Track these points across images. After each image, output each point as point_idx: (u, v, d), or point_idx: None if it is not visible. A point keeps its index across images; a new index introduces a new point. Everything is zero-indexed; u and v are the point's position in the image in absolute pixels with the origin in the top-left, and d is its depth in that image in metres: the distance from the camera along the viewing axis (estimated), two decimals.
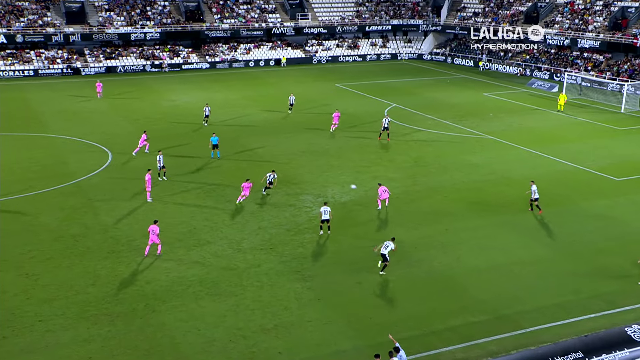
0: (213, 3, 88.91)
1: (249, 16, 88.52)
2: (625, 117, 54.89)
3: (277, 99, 61.20)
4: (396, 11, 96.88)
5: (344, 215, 31.52)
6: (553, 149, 43.55)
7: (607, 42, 71.10)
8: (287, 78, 75.46)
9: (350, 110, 55.53)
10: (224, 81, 72.43)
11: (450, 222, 30.83)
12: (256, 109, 56.89)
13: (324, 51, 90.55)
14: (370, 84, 71.41)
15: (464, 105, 58.52)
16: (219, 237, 29.07)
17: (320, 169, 39.17)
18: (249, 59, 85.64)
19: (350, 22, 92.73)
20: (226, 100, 61.02)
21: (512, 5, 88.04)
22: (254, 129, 49.13)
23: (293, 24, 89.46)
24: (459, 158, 41.62)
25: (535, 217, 31.50)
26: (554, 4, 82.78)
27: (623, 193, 35.09)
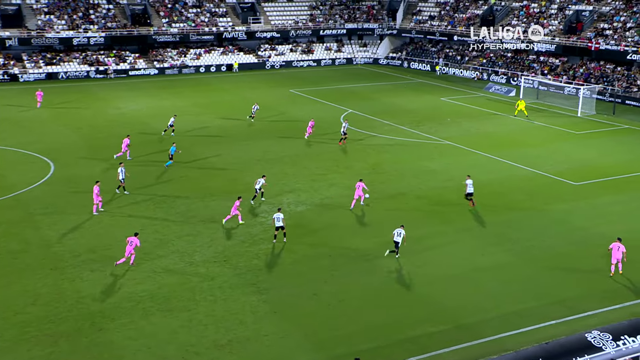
0: (160, 6, 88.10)
1: (199, 20, 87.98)
2: (581, 121, 56.36)
3: (231, 106, 60.85)
4: (351, 15, 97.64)
5: (299, 224, 31.45)
6: (511, 154, 44.38)
7: (563, 45, 73.01)
8: (239, 84, 75.16)
9: (305, 117, 55.57)
10: (173, 88, 71.73)
11: (409, 230, 31.00)
12: (209, 116, 56.44)
13: (277, 56, 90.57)
14: (326, 89, 71.67)
15: (421, 110, 59.24)
16: (169, 251, 28.66)
17: (275, 177, 39.05)
18: (200, 64, 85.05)
19: (304, 26, 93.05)
20: (177, 107, 60.35)
21: (468, 8, 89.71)
22: (206, 137, 48.73)
23: (245, 28, 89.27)
24: (417, 164, 42.04)
25: (494, 223, 31.99)
26: (509, 7, 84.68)
27: (582, 197, 35.95)
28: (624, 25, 70.13)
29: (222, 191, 36.40)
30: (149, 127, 51.06)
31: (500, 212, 33.61)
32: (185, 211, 33.36)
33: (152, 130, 50.14)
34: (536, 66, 76.24)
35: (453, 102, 64.61)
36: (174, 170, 40.09)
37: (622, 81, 66.45)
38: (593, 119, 56.88)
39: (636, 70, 67.71)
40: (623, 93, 64.61)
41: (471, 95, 69.07)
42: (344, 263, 27.56)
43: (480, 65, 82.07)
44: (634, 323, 21.21)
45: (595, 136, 50.78)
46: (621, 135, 51.27)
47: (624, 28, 69.71)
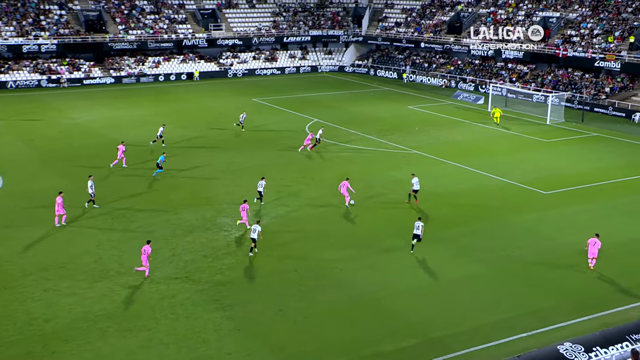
0: (116, 12, 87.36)
1: (157, 27, 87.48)
2: (550, 128, 57.40)
3: (191, 116, 60.54)
4: (315, 21, 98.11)
5: (264, 238, 31.36)
6: (480, 163, 44.95)
7: (531, 52, 74.39)
8: (200, 93, 74.85)
9: (270, 127, 55.56)
10: (131, 97, 71.11)
11: (377, 242, 31.18)
12: (168, 126, 55.98)
13: (239, 64, 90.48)
14: (290, 98, 71.77)
15: (389, 119, 59.69)
16: (128, 267, 28.29)
17: (239, 189, 38.89)
18: (159, 72, 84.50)
19: (267, 33, 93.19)
20: (135, 118, 59.84)
21: (435, 15, 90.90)
22: (165, 148, 48.35)
23: (206, 35, 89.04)
24: (385, 174, 42.30)
25: (464, 234, 32.29)
26: (476, 13, 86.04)
27: (551, 207, 36.54)
28: (591, 32, 71.78)
29: (184, 204, 36.12)
30: (103, 138, 50.46)
31: (470, 222, 33.98)
32: (145, 225, 33.01)
33: (110, 141, 49.58)
34: (504, 73, 77.51)
35: (421, 110, 65.25)
36: (131, 183, 39.66)
37: (590, 88, 67.92)
38: (562, 127, 57.97)
39: (604, 77, 69.30)
40: (591, 100, 66.00)
41: (439, 103, 69.85)
42: (310, 277, 27.54)
43: (448, 72, 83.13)
44: (606, 334, 21.57)
45: (564, 144, 51.75)
46: (590, 143, 52.34)
47: (591, 35, 71.35)
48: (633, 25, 68.98)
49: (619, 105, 64.00)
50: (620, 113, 63.05)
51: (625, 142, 52.66)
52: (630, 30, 68.55)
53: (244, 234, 32.05)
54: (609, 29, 70.81)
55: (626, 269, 28.75)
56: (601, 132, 55.83)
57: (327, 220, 33.90)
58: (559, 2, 78.77)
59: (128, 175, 41.29)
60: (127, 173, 41.65)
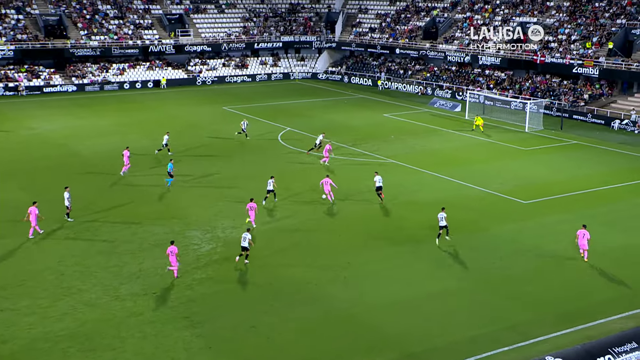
0: (78, 17, 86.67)
1: (122, 32, 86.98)
2: (529, 136, 58.09)
3: (158, 125, 60.19)
4: (287, 27, 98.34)
5: (236, 252, 31.22)
6: (458, 172, 45.30)
7: (508, 59, 75.32)
8: (168, 101, 74.51)
9: (241, 136, 55.44)
10: (94, 106, 70.55)
11: (352, 255, 31.22)
12: (134, 135, 55.65)
13: (208, 71, 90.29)
14: (261, 106, 71.75)
15: (363, 128, 59.94)
16: (92, 284, 27.97)
17: (210, 200, 38.74)
18: (124, 80, 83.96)
19: (237, 39, 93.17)
20: (98, 127, 59.36)
21: (410, 20, 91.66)
22: (131, 158, 47.99)
23: (173, 41, 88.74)
24: (360, 184, 42.41)
25: (442, 245, 32.46)
26: (452, 19, 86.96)
27: (532, 216, 36.91)
28: (568, 38, 72.92)
29: (152, 217, 35.86)
30: (67, 149, 49.93)
31: (448, 233, 34.18)
32: (110, 239, 32.68)
33: (71, 152, 49.06)
34: (482, 80, 78.35)
35: (396, 118, 65.63)
36: (96, 195, 39.26)
37: (569, 95, 68.92)
38: (541, 135, 58.70)
39: (582, 84, 70.39)
40: (570, 107, 66.96)
41: (415, 110, 70.33)
42: (284, 292, 27.46)
43: (424, 79, 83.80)
44: (588, 347, 21.81)
45: (543, 152, 52.39)
46: (569, 150, 53.06)
47: (569, 41, 72.48)
48: (611, 31, 70.23)
49: (598, 113, 65.00)
50: (600, 120, 64.03)
51: (604, 149, 53.48)
52: (608, 36, 69.80)
53: (215, 247, 31.89)
54: (587, 34, 72.03)
55: (606, 280, 29.13)
56: (580, 140, 56.65)
57: (299, 233, 33.85)
58: (535, 7, 79.95)
59: (95, 186, 40.87)
60: (95, 185, 41.22)
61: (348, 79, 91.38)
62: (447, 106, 71.98)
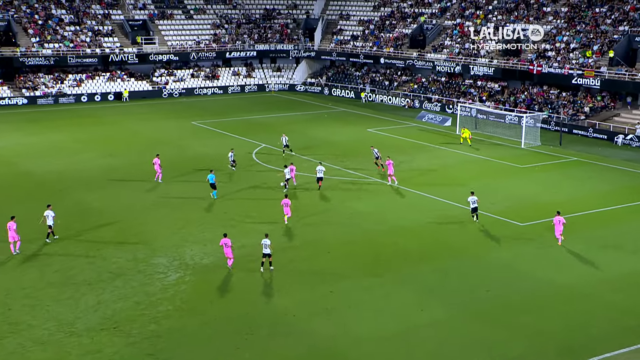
0: (29, 23, 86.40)
1: (79, 40, 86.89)
2: (525, 152, 58.65)
3: (120, 142, 60.04)
4: (262, 35, 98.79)
5: (206, 280, 31.12)
6: (448, 192, 45.56)
7: (502, 68, 76.17)
8: (130, 116, 74.40)
9: (211, 153, 55.44)
10: (48, 120, 70.32)
11: (335, 283, 31.24)
12: (92, 153, 55.47)
13: (175, 82, 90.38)
14: (234, 120, 71.84)
15: (345, 144, 60.20)
16: (44, 318, 27.73)
17: (177, 224, 38.64)
18: (81, 92, 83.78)
19: (206, 47, 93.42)
20: (52, 144, 59.10)
21: (395, 27, 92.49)
22: (89, 178, 47.82)
23: (136, 49, 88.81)
24: (343, 206, 42.52)
25: (432, 272, 32.58)
26: (441, 26, 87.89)
27: (528, 240, 37.17)
28: (567, 46, 73.88)
29: (112, 243, 35.68)
30: (14, 167, 49.60)
31: (438, 259, 34.32)
32: (65, 269, 32.44)
33: (21, 172, 48.77)
34: (474, 92, 79.09)
35: (381, 133, 65.98)
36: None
37: (568, 108, 69.67)
38: (538, 151, 59.28)
39: (582, 95, 71.19)
40: (569, 121, 67.70)
41: (402, 125, 70.78)
42: (261, 324, 27.39)
43: (411, 91, 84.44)
44: None
45: (541, 170, 52.87)
46: (569, 168, 53.59)
47: (568, 49, 73.43)
48: (613, 39, 71.20)
49: (599, 127, 65.80)
50: (602, 135, 64.78)
51: (607, 167, 54.07)
52: (609, 44, 70.75)
53: (183, 276, 31.76)
54: (587, 42, 73.00)
55: (612, 309, 29.32)
56: (581, 157, 57.24)
57: (276, 260, 33.81)
58: (531, 12, 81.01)
59: None
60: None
61: (328, 91, 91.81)
62: (437, 120, 72.52)
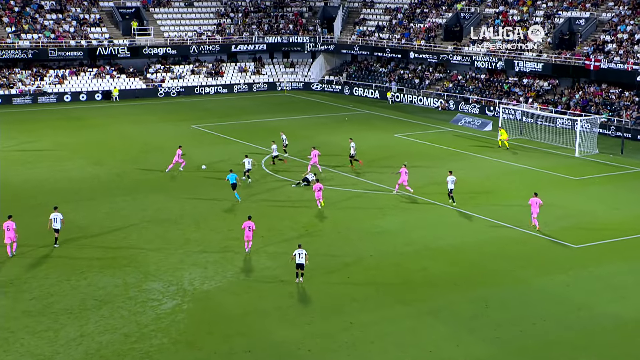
0: (3, 10, 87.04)
1: (61, 30, 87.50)
2: (580, 162, 58.27)
3: (108, 149, 60.29)
4: (273, 25, 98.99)
5: (207, 308, 31.11)
6: (489, 208, 45.34)
7: (552, 64, 75.83)
8: (120, 118, 74.71)
9: (213, 160, 55.52)
10: (25, 123, 70.82)
11: (356, 314, 31.11)
12: (76, 161, 55.74)
13: (173, 80, 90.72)
14: (240, 124, 72.00)
15: (370, 151, 60.04)
16: (18, 353, 27.77)
17: (173, 244, 38.66)
18: (64, 91, 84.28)
19: (209, 39, 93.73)
20: (30, 150, 59.39)
21: (427, 16, 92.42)
22: (73, 190, 48.01)
23: (128, 41, 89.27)
24: (365, 223, 42.40)
25: (469, 302, 32.41)
26: (481, 14, 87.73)
27: (583, 265, 36.86)
28: (631, 37, 73.35)
29: (97, 265, 35.73)
30: None
31: (476, 286, 34.10)
32: (42, 296, 32.50)
33: None
34: (518, 91, 78.79)
35: (411, 139, 65.85)
36: (29, 236, 39.09)
37: (632, 110, 69.15)
38: (595, 160, 58.88)
39: None
40: (633, 125, 67.24)
41: (434, 130, 70.60)
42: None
43: (446, 90, 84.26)
44: None
45: (599, 183, 52.50)
46: (633, 181, 53.17)
47: (632, 41, 72.90)
48: None
49: None
50: None
51: None
52: None
53: (180, 304, 31.74)
54: None
55: None
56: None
57: (286, 286, 33.77)
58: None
59: (25, 224, 40.82)
60: (25, 222, 41.17)
61: (349, 90, 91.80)
62: (475, 124, 72.28)
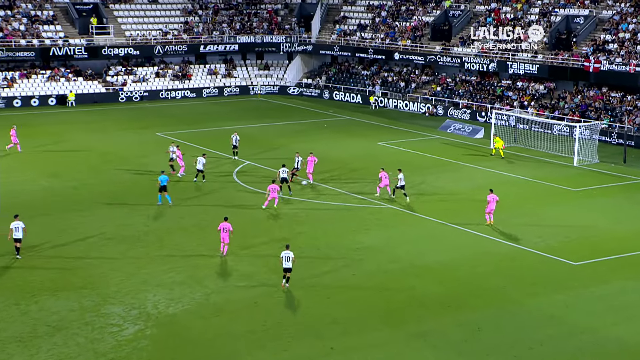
0: None
1: (10, 28, 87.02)
2: (579, 172, 58.52)
3: (64, 159, 59.97)
4: (245, 23, 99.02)
5: (173, 334, 30.90)
6: (480, 221, 45.39)
7: (549, 65, 76.17)
8: (78, 125, 74.41)
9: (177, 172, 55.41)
10: None
11: (337, 338, 31.01)
12: (29, 173, 55.43)
13: (136, 83, 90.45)
14: (210, 131, 71.91)
15: (351, 161, 60.10)
16: None
17: (135, 264, 38.47)
18: (13, 95, 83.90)
19: (175, 39, 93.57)
20: None
21: (414, 14, 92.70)
22: (24, 204, 47.70)
23: (85, 41, 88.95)
24: (346, 239, 42.35)
25: (459, 325, 32.40)
26: (471, 12, 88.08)
27: (583, 284, 36.94)
28: (633, 37, 73.80)
29: (50, 288, 35.45)
30: None
31: (467, 307, 34.09)
32: None
33: None
34: (512, 95, 79.10)
35: (395, 147, 65.94)
36: None
37: (635, 115, 69.54)
38: (596, 170, 59.14)
39: None
40: (636, 132, 67.61)
41: (421, 137, 70.76)
42: None
43: (433, 95, 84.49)
44: None
45: (599, 194, 52.73)
46: (636, 192, 53.40)
47: (634, 40, 73.34)
48: None
49: None
50: None
51: None
52: None
53: (143, 329, 31.51)
54: None
55: None
56: None
57: (262, 308, 33.64)
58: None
59: None
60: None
61: (329, 94, 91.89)
62: (465, 131, 72.47)
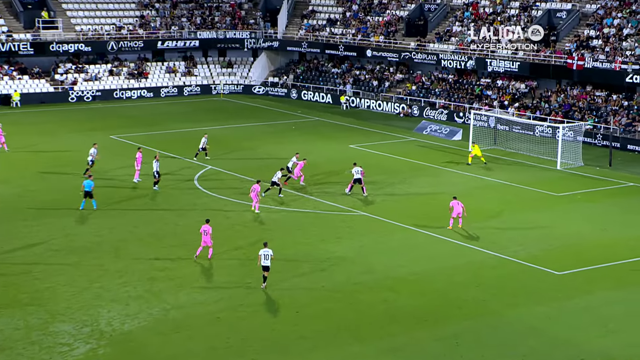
0: None
1: None
2: (562, 175, 58.86)
3: (9, 163, 59.62)
4: (206, 17, 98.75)
5: (129, 352, 30.76)
6: (457, 229, 45.53)
7: (530, 63, 76.56)
8: (23, 127, 73.95)
9: (131, 176, 55.18)
10: None
11: (305, 354, 31.00)
12: None
13: (87, 82, 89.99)
14: (169, 134, 71.70)
15: (321, 165, 60.09)
16: None
17: (87, 277, 38.24)
18: None
19: (130, 34, 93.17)
20: None
21: (387, 9, 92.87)
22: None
23: (31, 36, 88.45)
24: (316, 249, 42.37)
25: (436, 339, 32.49)
26: (448, 6, 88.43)
27: (567, 295, 37.10)
28: (618, 32, 74.34)
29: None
30: None
31: (445, 321, 34.17)
32: None
33: None
34: (492, 94, 79.43)
35: (368, 150, 66.03)
36: None
37: (620, 116, 70.02)
38: (580, 173, 59.51)
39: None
40: (622, 133, 68.05)
41: (395, 139, 70.95)
42: None
43: (408, 94, 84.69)
44: None
45: (584, 199, 53.05)
46: (622, 197, 53.81)
47: (620, 36, 73.88)
48: None
49: None
50: None
51: None
52: None
53: (95, 348, 31.34)
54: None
55: None
56: (638, 181, 57.51)
57: (224, 323, 33.55)
58: None
59: None
60: None
61: (297, 93, 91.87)
62: (442, 133, 72.68)
